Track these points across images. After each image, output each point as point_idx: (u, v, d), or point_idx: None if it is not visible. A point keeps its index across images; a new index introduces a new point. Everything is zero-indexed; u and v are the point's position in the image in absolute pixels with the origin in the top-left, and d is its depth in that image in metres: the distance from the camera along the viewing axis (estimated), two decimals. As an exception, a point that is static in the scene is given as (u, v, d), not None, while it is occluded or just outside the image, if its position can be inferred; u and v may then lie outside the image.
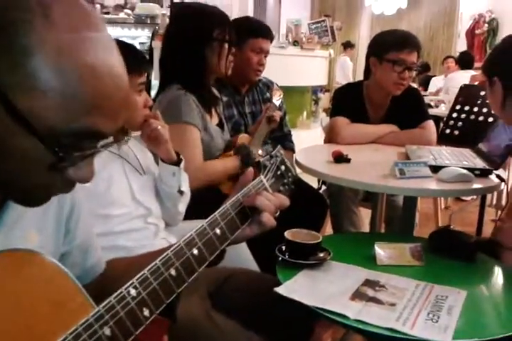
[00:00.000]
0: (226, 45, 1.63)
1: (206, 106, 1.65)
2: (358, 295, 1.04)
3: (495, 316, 1.04)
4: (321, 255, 1.19)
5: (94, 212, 1.07)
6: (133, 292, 0.57)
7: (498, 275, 1.23)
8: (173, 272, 0.63)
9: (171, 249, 0.64)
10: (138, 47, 3.40)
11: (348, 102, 2.07)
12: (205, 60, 1.62)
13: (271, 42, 2.03)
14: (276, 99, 1.96)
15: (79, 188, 0.59)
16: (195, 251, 0.68)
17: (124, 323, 0.54)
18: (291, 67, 4.25)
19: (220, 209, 0.76)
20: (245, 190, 0.82)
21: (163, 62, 1.70)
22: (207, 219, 0.73)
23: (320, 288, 1.07)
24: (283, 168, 0.98)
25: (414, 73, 1.97)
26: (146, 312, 0.57)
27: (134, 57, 1.18)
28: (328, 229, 2.26)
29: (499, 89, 1.26)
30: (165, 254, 0.63)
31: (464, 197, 3.62)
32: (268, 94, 2.10)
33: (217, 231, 0.73)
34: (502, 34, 7.18)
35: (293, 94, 4.51)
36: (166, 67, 1.69)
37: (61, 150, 0.50)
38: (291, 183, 0.99)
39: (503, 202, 2.93)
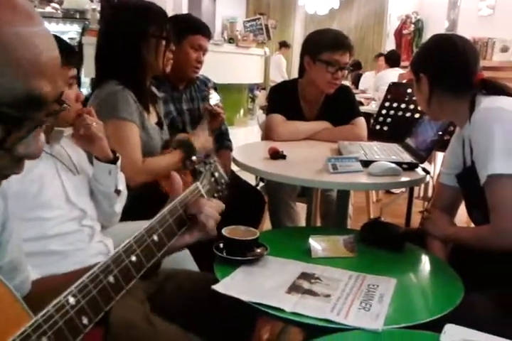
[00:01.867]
0: (163, 42, 1.60)
1: (144, 103, 1.61)
2: (294, 289, 1.06)
3: (422, 302, 1.10)
4: (258, 251, 1.20)
5: (25, 215, 1.02)
6: (72, 300, 0.55)
7: (425, 263, 1.30)
8: (111, 279, 0.62)
9: (110, 256, 0.64)
10: (67, 42, 3.25)
11: (284, 100, 2.10)
12: (142, 57, 1.58)
13: (209, 40, 2.02)
14: (215, 101, 1.96)
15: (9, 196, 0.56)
16: (134, 258, 0.67)
17: (62, 332, 0.53)
18: (227, 64, 4.25)
19: (158, 215, 0.75)
20: (182, 196, 0.82)
21: (99, 58, 1.64)
22: (145, 227, 0.72)
23: (257, 284, 1.08)
24: (217, 174, 0.99)
25: (346, 72, 2.03)
26: (85, 321, 0.56)
27: (63, 50, 1.13)
28: (267, 225, 2.29)
29: (425, 85, 1.33)
30: (103, 262, 0.62)
31: (393, 190, 3.80)
32: (206, 92, 2.09)
33: (155, 237, 0.73)
34: (427, 34, 7.57)
35: (230, 92, 4.51)
36: (102, 63, 1.63)
37: (6, 123, 0.49)
38: (225, 190, 1.00)
39: (430, 194, 3.11)
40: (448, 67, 1.29)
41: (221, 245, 1.20)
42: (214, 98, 1.97)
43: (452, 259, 1.29)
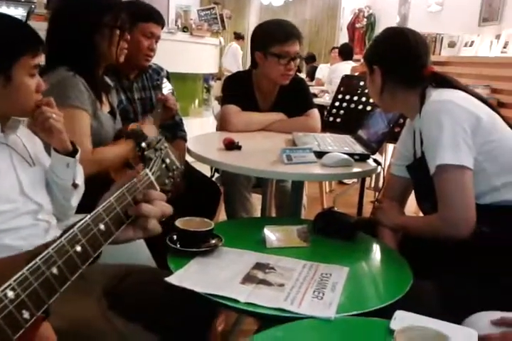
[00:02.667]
0: (117, 31, 1.54)
1: (97, 92, 1.55)
2: (248, 279, 1.06)
3: (373, 289, 1.13)
4: (213, 242, 1.20)
5: None
6: (11, 294, 0.53)
7: (376, 251, 1.34)
8: (55, 271, 0.59)
9: (52, 246, 0.60)
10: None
11: (238, 90, 2.09)
12: (95, 46, 1.51)
13: (162, 27, 1.97)
14: (167, 90, 1.92)
15: None
16: (79, 248, 0.64)
17: (1, 328, 0.51)
18: (181, 53, 4.18)
19: (105, 203, 0.72)
20: (130, 184, 0.79)
21: (49, 44, 1.56)
22: (90, 215, 0.69)
23: (211, 275, 1.07)
24: (168, 161, 0.96)
25: (298, 61, 2.03)
26: (26, 315, 0.54)
27: (28, 36, 1.04)
28: (223, 216, 2.28)
29: (378, 77, 1.35)
30: (46, 252, 0.59)
31: (345, 181, 3.88)
32: (158, 81, 2.04)
33: (102, 226, 0.70)
34: (379, 28, 7.74)
35: (184, 82, 4.44)
36: (52, 50, 1.55)
37: None
38: (177, 177, 0.98)
39: (380, 184, 3.20)
40: (400, 60, 1.32)
41: (175, 237, 1.19)
42: (167, 87, 1.93)
43: (402, 247, 1.33)
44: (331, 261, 1.16)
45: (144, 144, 0.91)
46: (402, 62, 1.32)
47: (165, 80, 1.99)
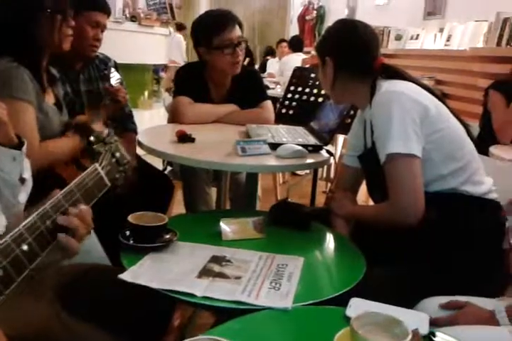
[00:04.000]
0: (59, 17, 1.47)
1: (41, 83, 1.47)
2: (204, 273, 1.05)
3: (328, 278, 1.15)
4: (167, 236, 1.18)
5: None
6: None
7: (330, 240, 1.36)
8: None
9: None
10: None
11: (191, 82, 2.05)
12: (37, 33, 1.43)
13: (108, 16, 1.90)
14: (115, 80, 1.86)
15: None
16: (25, 247, 0.62)
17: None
18: (129, 43, 4.07)
19: (51, 200, 0.69)
20: (79, 179, 0.76)
21: None
22: (37, 212, 0.65)
23: (167, 270, 1.06)
24: (118, 155, 0.93)
25: (243, 45, 1.98)
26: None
27: None
28: (176, 210, 2.25)
29: (330, 68, 1.36)
30: None
31: (298, 172, 3.93)
32: (106, 72, 1.97)
33: (48, 223, 0.66)
34: (328, 21, 7.83)
35: (133, 73, 4.33)
36: None
37: None
38: (128, 170, 0.95)
39: (332, 174, 3.26)
40: (351, 52, 1.33)
41: (127, 232, 1.16)
42: (115, 77, 1.87)
43: (355, 236, 1.36)
44: (286, 252, 1.17)
45: (92, 138, 0.87)
46: (353, 53, 1.33)
47: (113, 70, 1.93)
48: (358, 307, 0.89)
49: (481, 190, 1.23)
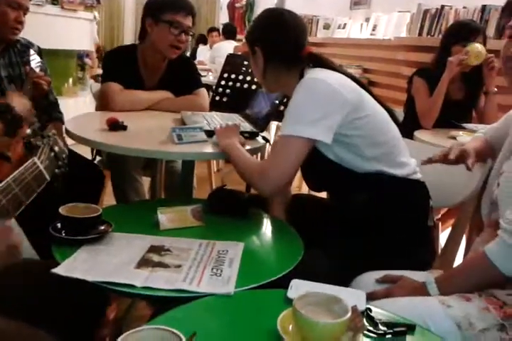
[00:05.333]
0: None
1: None
2: (143, 263, 1.03)
3: (268, 262, 1.17)
4: (102, 228, 1.14)
5: None
6: None
7: (268, 225, 1.38)
8: None
9: None
10: None
11: (121, 67, 1.97)
12: None
13: None
14: (35, 63, 1.74)
15: None
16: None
17: None
18: (51, 28, 3.84)
19: None
20: (17, 173, 0.70)
21: None
22: None
23: (103, 262, 1.02)
24: (57, 148, 0.89)
25: (190, 38, 1.97)
26: None
27: None
28: (108, 200, 2.17)
29: (260, 58, 1.36)
30: None
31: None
32: (28, 57, 1.84)
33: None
34: (258, 9, 7.84)
35: (56, 59, 4.10)
36: None
37: None
38: (66, 165, 0.90)
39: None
40: (279, 41, 1.34)
41: (59, 225, 1.11)
42: (35, 60, 1.75)
43: (292, 219, 1.39)
44: (226, 238, 1.17)
45: (29, 130, 0.82)
46: (280, 43, 1.34)
47: (32, 52, 1.80)
48: (298, 288, 0.91)
49: (406, 171, 1.30)
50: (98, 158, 2.21)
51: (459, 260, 1.90)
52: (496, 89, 2.35)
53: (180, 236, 1.17)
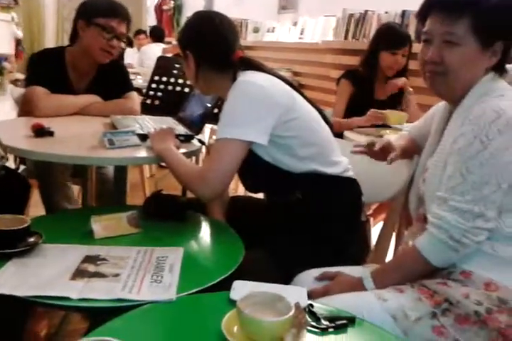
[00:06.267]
0: None
1: None
2: (78, 274, 0.99)
3: (209, 265, 1.16)
4: (31, 240, 1.09)
5: None
6: None
7: (208, 228, 1.36)
8: None
9: None
10: None
11: (47, 70, 1.88)
12: None
13: None
14: None
15: None
16: None
17: None
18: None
19: None
20: None
21: None
22: None
23: (34, 275, 0.97)
24: None
25: (122, 44, 1.92)
26: None
27: None
28: (35, 211, 2.06)
29: (192, 62, 1.35)
30: None
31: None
32: None
33: None
34: (186, 11, 7.78)
35: (-30, 62, 3.84)
36: None
37: None
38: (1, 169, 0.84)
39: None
40: (209, 45, 1.33)
41: (-17, 239, 1.03)
42: None
43: (231, 221, 1.39)
44: (165, 244, 1.15)
45: None
46: (211, 47, 1.33)
47: None
48: (241, 289, 0.91)
49: (339, 170, 1.34)
50: (22, 167, 2.09)
51: (390, 253, 1.99)
52: (411, 89, 2.50)
53: (116, 245, 1.14)
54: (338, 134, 1.70)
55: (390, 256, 1.95)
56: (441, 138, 1.07)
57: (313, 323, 0.84)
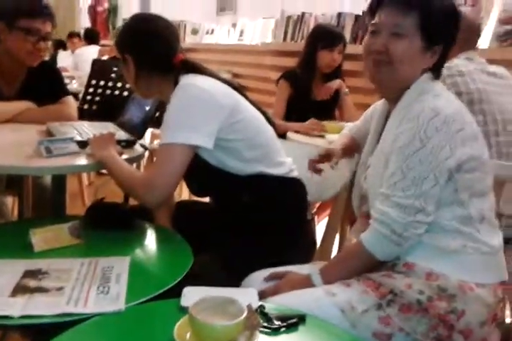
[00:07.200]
0: None
1: None
2: (19, 290, 0.95)
3: (158, 273, 1.14)
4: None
5: None
6: None
7: (155, 235, 1.34)
8: None
9: None
10: None
11: None
12: None
13: None
14: None
15: None
16: None
17: None
18: None
19: None
20: None
21: None
22: None
23: (-30, 295, 0.91)
24: None
25: (50, 43, 1.83)
26: None
27: None
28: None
29: (131, 65, 1.33)
30: None
31: (104, 171, 3.74)
32: None
33: None
34: (122, 13, 7.59)
35: None
36: None
37: None
38: None
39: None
40: (150, 48, 1.31)
41: None
42: None
43: (177, 227, 1.37)
44: (110, 254, 1.12)
45: None
46: (151, 50, 1.31)
47: None
48: (191, 295, 0.91)
49: (284, 170, 1.36)
50: None
51: (335, 250, 2.04)
52: (347, 90, 2.58)
53: (58, 257, 1.10)
54: (281, 135, 1.72)
55: (334, 253, 2.00)
56: (381, 136, 1.12)
57: (265, 324, 0.85)
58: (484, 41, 2.22)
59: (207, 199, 1.54)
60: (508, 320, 1.56)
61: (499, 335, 1.03)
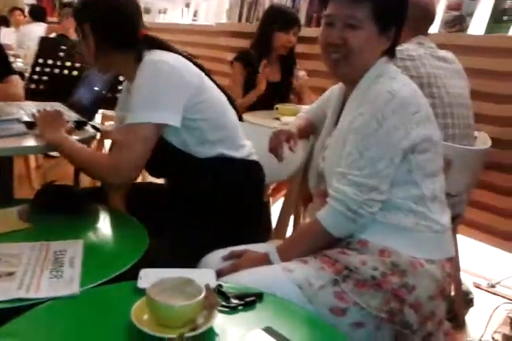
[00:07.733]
0: None
1: None
2: (-34, 276, 0.90)
3: (113, 255, 1.11)
4: None
5: None
6: None
7: (109, 218, 1.30)
8: None
9: None
10: None
11: None
12: None
13: None
14: None
15: None
16: None
17: None
18: None
19: None
20: None
21: None
22: None
23: None
24: None
25: None
26: None
27: None
28: None
29: (91, 38, 1.26)
30: None
31: (52, 153, 3.61)
32: None
33: None
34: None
35: None
36: None
37: None
38: None
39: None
40: (113, 22, 1.26)
41: None
42: None
43: (131, 209, 1.34)
44: (62, 237, 1.09)
45: None
46: (115, 24, 1.26)
47: None
48: (148, 276, 0.90)
49: (245, 153, 1.36)
50: None
51: (290, 230, 2.07)
52: (303, 73, 2.59)
53: (7, 241, 1.05)
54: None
55: (290, 232, 2.03)
56: (339, 118, 1.13)
57: (223, 303, 0.85)
58: (433, 26, 2.28)
59: (162, 181, 1.52)
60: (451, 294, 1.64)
61: (446, 308, 1.09)
